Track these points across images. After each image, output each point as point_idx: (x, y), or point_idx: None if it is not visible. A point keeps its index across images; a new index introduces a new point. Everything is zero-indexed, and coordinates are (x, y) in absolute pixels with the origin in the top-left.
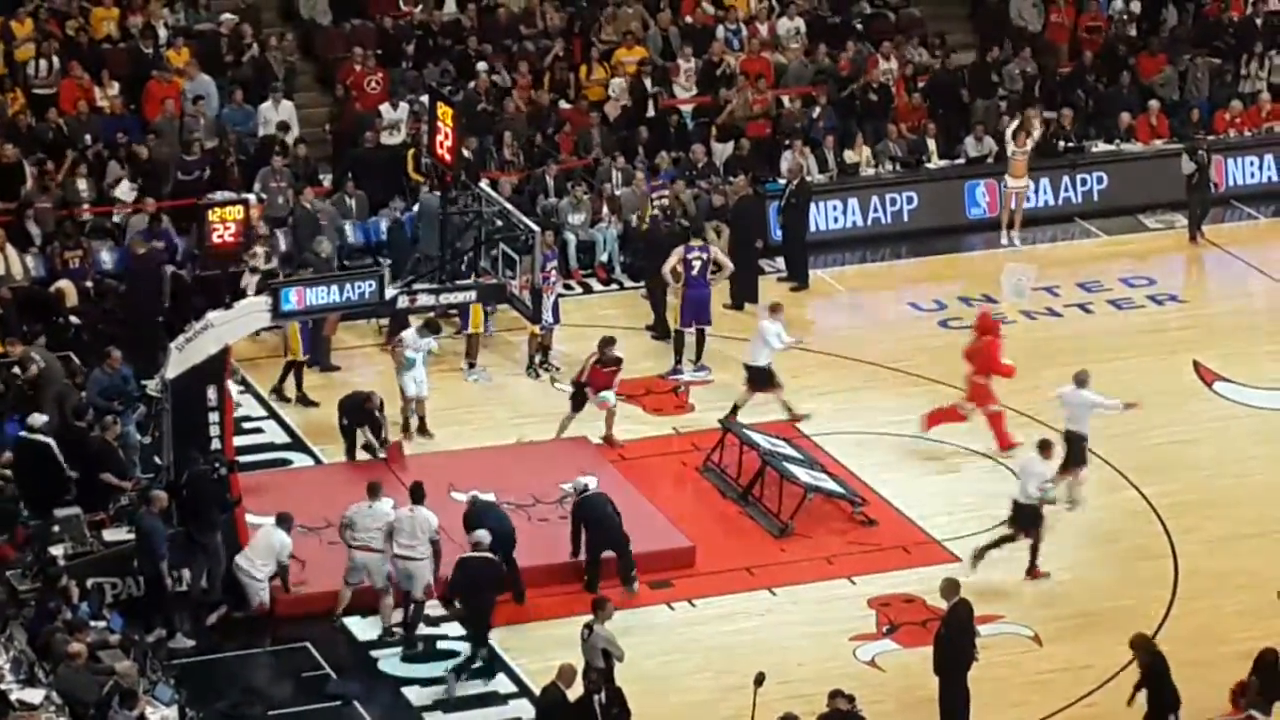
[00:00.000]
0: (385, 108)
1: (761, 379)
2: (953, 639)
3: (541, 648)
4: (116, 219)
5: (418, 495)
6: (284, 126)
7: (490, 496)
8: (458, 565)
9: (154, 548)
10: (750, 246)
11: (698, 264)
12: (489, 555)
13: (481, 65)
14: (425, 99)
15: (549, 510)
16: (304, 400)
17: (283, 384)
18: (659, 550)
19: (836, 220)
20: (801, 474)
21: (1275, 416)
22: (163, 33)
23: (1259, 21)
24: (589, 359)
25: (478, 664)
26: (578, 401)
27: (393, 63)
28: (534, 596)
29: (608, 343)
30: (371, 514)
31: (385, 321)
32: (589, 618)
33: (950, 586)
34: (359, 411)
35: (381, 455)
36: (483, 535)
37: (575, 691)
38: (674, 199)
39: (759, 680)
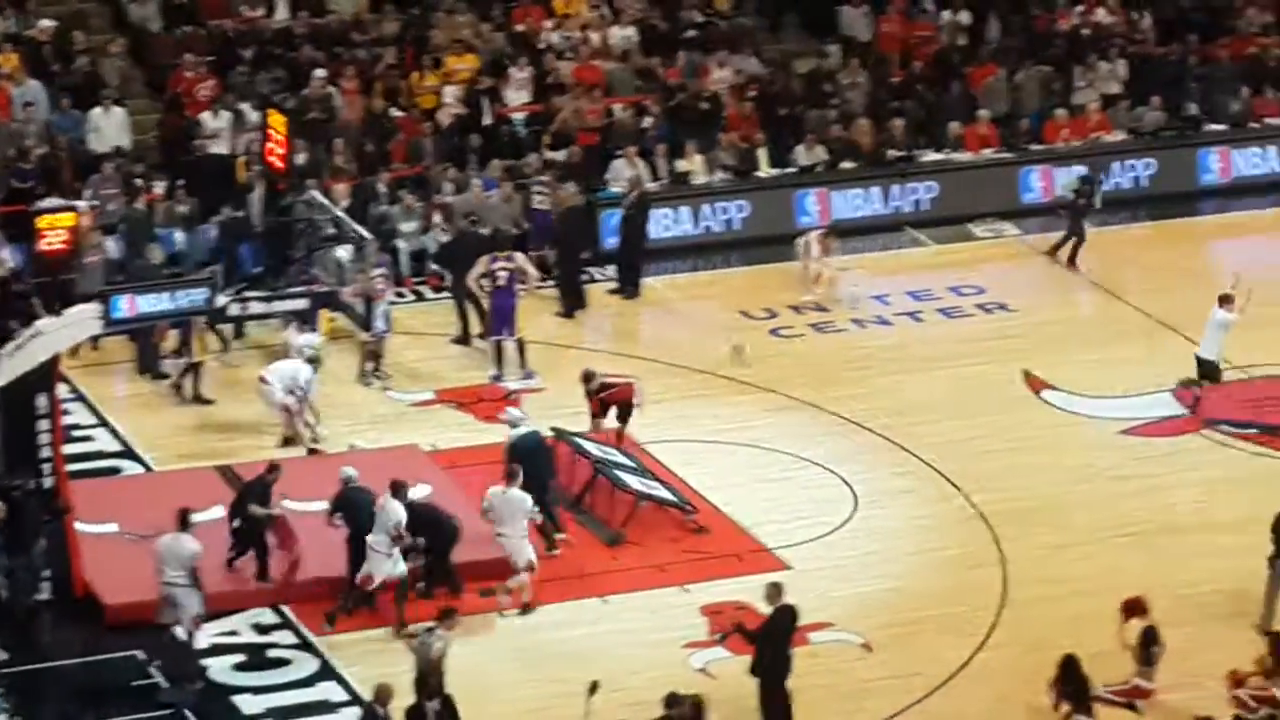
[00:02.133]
0: (206, 116)
1: (1212, 372)
2: (772, 644)
3: (374, 655)
4: None
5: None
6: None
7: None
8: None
9: None
10: (577, 255)
11: (504, 274)
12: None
13: (318, 72)
14: (250, 107)
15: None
16: (200, 399)
17: (188, 383)
18: (490, 559)
19: (668, 229)
20: (633, 482)
21: (1103, 425)
22: None
23: (1086, 32)
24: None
25: None
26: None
27: (224, 70)
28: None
29: (587, 377)
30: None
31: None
32: (428, 624)
33: (774, 591)
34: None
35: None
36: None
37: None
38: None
39: (593, 689)
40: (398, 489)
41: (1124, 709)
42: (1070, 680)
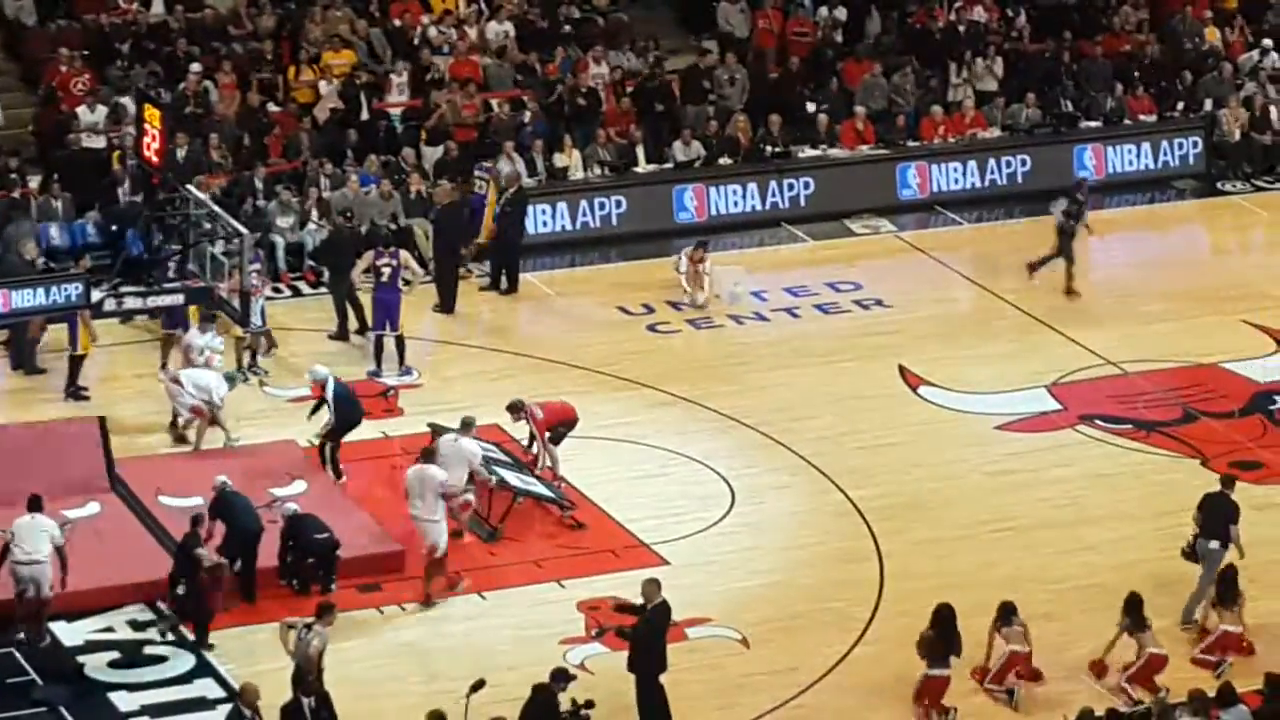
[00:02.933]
0: (83, 110)
1: None
2: (648, 639)
3: (250, 651)
4: None
5: (35, 505)
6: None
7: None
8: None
9: None
10: (455, 251)
11: (388, 270)
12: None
13: (195, 67)
14: (129, 101)
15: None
16: (76, 394)
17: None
18: (369, 554)
19: (545, 224)
20: (511, 478)
21: (978, 420)
22: None
23: (963, 29)
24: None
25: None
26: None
27: (100, 64)
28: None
29: (515, 408)
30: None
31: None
32: (304, 619)
33: (652, 587)
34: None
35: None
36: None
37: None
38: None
39: (477, 687)
40: (429, 455)
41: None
42: (944, 632)
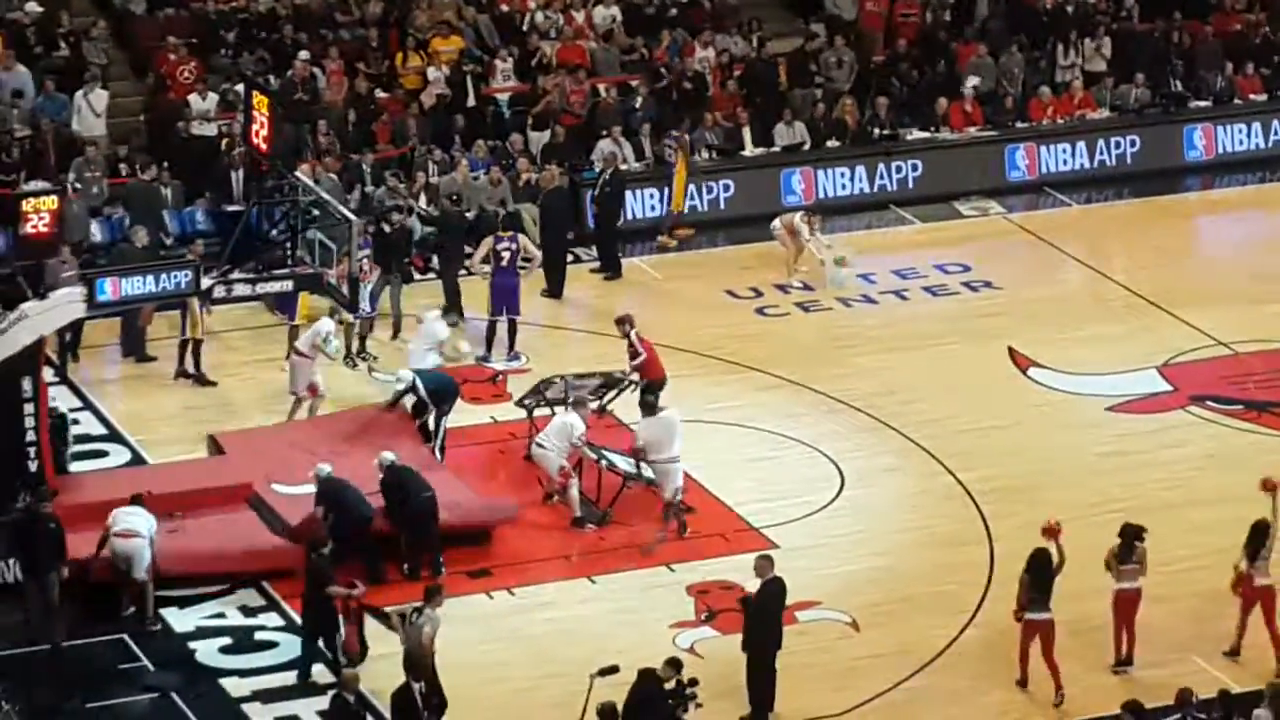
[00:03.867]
0: (194, 98)
1: None
2: (761, 615)
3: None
4: None
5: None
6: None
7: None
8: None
9: None
10: (561, 236)
11: (507, 254)
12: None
13: (302, 54)
14: (240, 88)
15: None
16: (200, 379)
17: (184, 364)
18: (481, 521)
19: (653, 209)
20: (621, 462)
21: (1088, 402)
22: None
23: (1071, 9)
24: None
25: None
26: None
27: (207, 52)
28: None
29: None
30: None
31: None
32: (413, 604)
33: (765, 563)
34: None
35: None
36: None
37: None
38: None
39: (609, 671)
40: (578, 403)
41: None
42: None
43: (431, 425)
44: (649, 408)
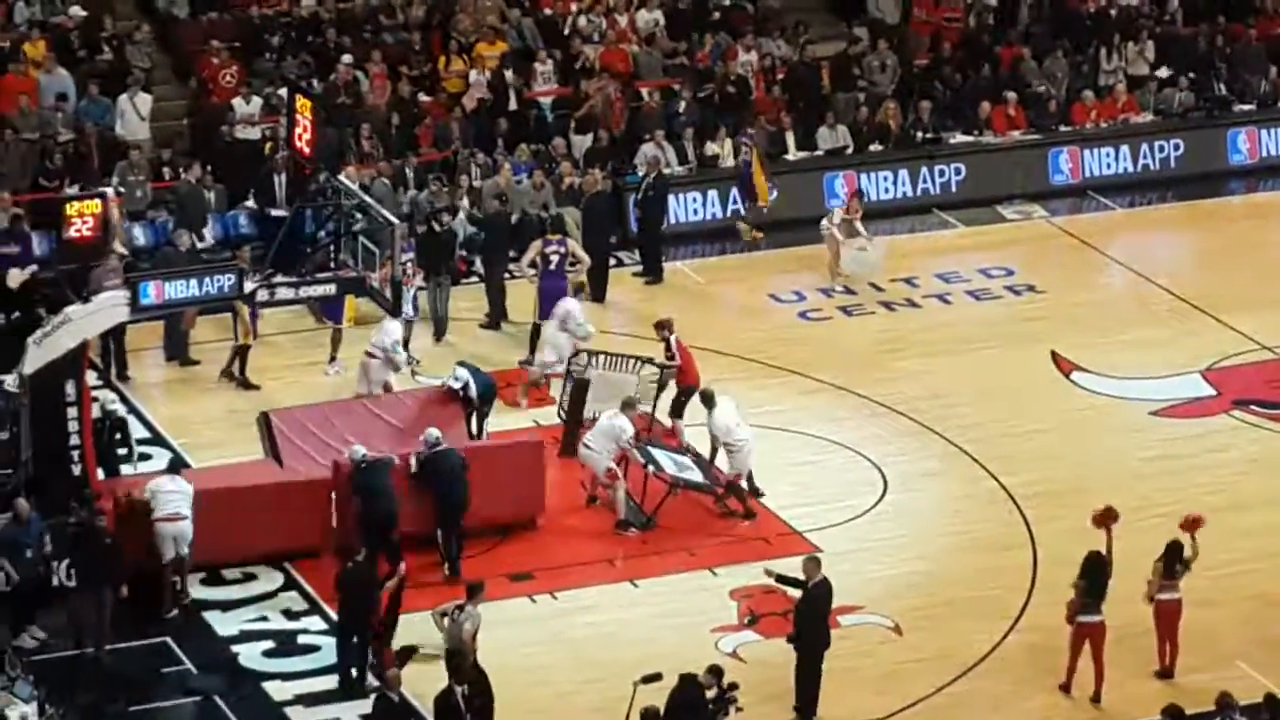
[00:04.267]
0: (238, 101)
1: None
2: (810, 616)
3: (400, 642)
4: None
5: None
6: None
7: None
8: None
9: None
10: (604, 240)
11: (555, 257)
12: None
13: (345, 58)
14: (283, 92)
15: None
16: (245, 384)
17: (231, 367)
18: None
19: (696, 212)
20: (667, 464)
21: (1132, 406)
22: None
23: (1114, 13)
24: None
25: None
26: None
27: (250, 56)
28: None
29: (663, 325)
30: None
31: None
32: (455, 602)
33: (812, 565)
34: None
35: None
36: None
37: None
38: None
39: (652, 679)
40: (627, 404)
41: None
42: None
43: (474, 427)
44: (680, 408)
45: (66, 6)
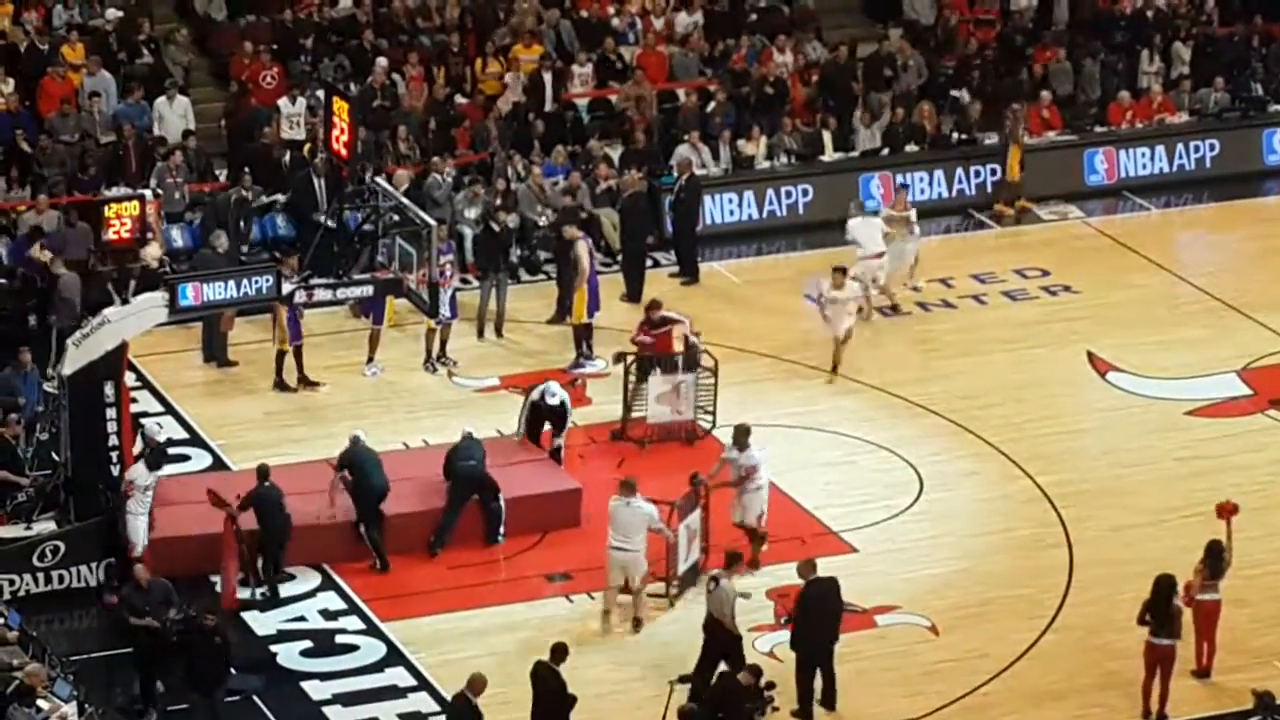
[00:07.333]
0: (284, 101)
1: None
2: (806, 618)
3: (437, 642)
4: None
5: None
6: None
7: None
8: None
9: None
10: (640, 241)
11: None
12: None
13: (381, 60)
14: (320, 94)
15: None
16: (306, 382)
17: (281, 374)
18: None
19: (732, 213)
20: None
21: (1168, 406)
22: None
23: (1150, 14)
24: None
25: None
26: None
27: (288, 58)
28: (423, 585)
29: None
30: (630, 511)
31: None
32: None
33: (806, 566)
34: None
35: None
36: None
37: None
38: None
39: (688, 679)
40: (629, 488)
41: None
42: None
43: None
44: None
45: (104, 9)
